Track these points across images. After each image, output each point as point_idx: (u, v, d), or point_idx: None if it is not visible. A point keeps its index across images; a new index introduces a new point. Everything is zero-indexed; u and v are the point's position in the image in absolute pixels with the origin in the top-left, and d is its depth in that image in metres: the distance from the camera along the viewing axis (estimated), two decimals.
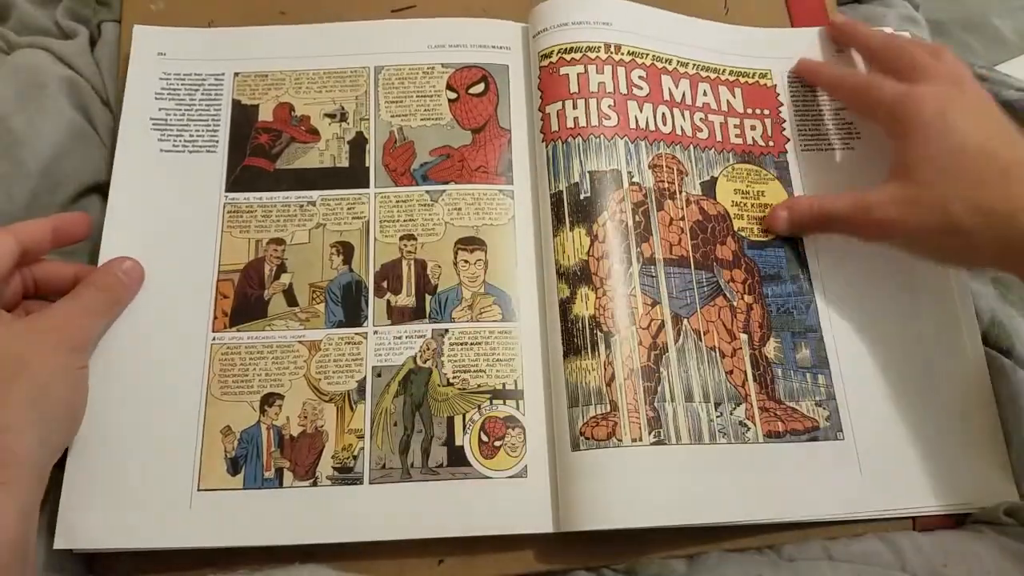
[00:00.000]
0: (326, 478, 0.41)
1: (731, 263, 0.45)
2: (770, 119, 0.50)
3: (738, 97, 0.50)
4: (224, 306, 0.43)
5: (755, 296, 0.45)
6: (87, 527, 0.39)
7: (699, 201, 0.46)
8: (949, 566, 0.39)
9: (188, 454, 0.41)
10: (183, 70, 0.48)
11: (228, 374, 0.42)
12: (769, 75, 0.51)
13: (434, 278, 0.45)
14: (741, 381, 0.43)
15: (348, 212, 0.46)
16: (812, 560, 0.40)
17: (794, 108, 0.50)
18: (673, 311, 0.43)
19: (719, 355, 0.43)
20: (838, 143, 0.49)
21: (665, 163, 0.47)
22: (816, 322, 0.45)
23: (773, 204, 0.47)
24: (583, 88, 0.47)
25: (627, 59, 0.48)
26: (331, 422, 0.42)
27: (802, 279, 0.46)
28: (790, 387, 0.43)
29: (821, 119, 0.50)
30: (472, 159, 0.47)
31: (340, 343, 0.43)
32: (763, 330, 0.44)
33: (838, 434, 0.43)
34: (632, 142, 0.46)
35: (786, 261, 0.46)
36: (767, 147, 0.49)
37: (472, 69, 0.49)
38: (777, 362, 0.44)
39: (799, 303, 0.45)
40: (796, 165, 0.48)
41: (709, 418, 0.42)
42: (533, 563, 0.41)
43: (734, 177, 0.48)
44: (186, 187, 0.46)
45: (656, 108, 0.48)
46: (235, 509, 0.40)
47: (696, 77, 0.49)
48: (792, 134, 0.49)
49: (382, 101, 0.48)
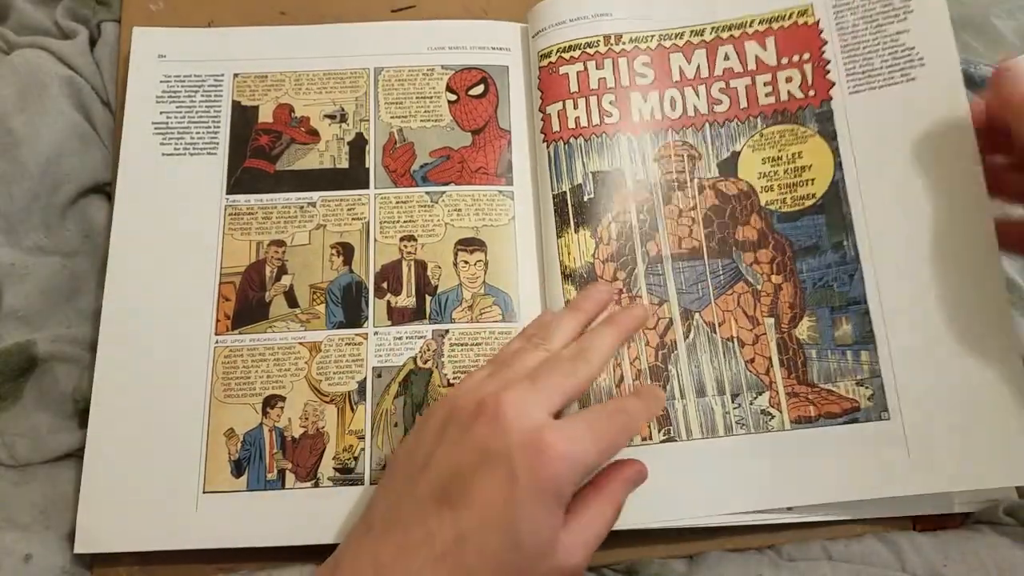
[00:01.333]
0: (327, 479, 0.41)
1: (755, 243, 0.44)
2: (810, 64, 0.46)
3: (770, 49, 0.46)
4: (226, 309, 0.44)
5: (785, 274, 0.43)
6: (101, 530, 0.40)
7: (715, 184, 0.45)
8: (949, 566, 0.40)
9: (193, 457, 0.41)
10: (183, 72, 0.48)
11: (231, 377, 0.42)
12: (810, 10, 0.46)
13: (434, 279, 0.45)
14: (764, 369, 0.42)
15: (348, 213, 0.46)
16: (812, 560, 0.40)
17: (842, 44, 0.45)
18: (683, 307, 0.43)
19: (737, 345, 0.42)
20: (898, 75, 0.44)
21: (673, 152, 0.45)
22: (861, 293, 0.42)
23: (812, 164, 0.44)
24: (583, 87, 0.47)
25: (629, 48, 0.47)
26: (332, 423, 0.42)
27: (846, 246, 0.43)
28: (825, 368, 0.42)
29: (876, 51, 0.45)
30: (472, 160, 0.47)
31: (341, 344, 0.43)
32: (794, 310, 0.43)
33: (882, 414, 0.41)
34: (636, 137, 0.46)
35: (826, 228, 0.43)
36: (806, 98, 0.45)
37: (472, 71, 0.49)
38: (811, 343, 0.42)
39: (841, 274, 0.42)
40: (843, 112, 0.44)
41: (724, 410, 0.41)
42: None
43: (762, 145, 0.45)
44: (188, 190, 0.46)
45: (663, 94, 0.46)
46: (239, 511, 0.40)
47: (716, 42, 0.47)
48: (839, 76, 0.45)
49: (382, 102, 0.48)
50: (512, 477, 0.32)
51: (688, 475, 0.40)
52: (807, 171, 0.44)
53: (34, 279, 0.45)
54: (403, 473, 0.35)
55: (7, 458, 0.42)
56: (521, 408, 0.33)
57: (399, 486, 0.35)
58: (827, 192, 0.44)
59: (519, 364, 0.38)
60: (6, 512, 0.41)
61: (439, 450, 0.34)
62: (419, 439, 0.36)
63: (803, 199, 0.44)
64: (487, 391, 0.35)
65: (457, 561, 0.31)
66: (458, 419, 0.34)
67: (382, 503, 0.35)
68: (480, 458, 0.33)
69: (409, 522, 0.33)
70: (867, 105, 0.44)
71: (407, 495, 0.34)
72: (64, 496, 0.41)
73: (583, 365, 0.37)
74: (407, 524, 0.33)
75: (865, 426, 0.41)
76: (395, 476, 0.36)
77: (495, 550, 0.31)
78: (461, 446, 0.33)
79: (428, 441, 0.35)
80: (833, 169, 0.44)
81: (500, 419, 0.33)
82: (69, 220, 0.47)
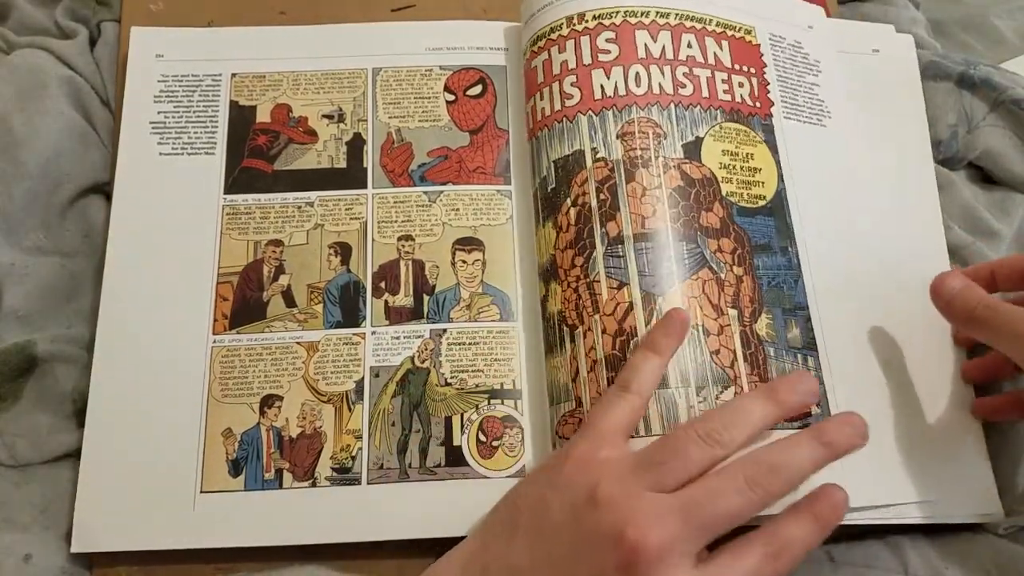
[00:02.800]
0: (325, 479, 0.41)
1: (719, 231, 0.42)
2: (756, 78, 0.47)
3: (725, 51, 0.46)
4: (224, 308, 0.44)
5: (745, 267, 0.42)
6: (99, 530, 0.40)
7: (680, 165, 0.43)
8: (950, 569, 0.40)
9: (191, 457, 0.41)
10: (181, 71, 0.48)
11: (228, 376, 0.42)
12: (753, 33, 0.48)
13: (432, 278, 0.45)
14: (729, 362, 0.39)
15: (346, 213, 0.46)
16: (813, 561, 0.40)
17: (777, 74, 0.47)
18: (644, 290, 0.40)
19: (703, 333, 0.40)
20: (814, 119, 0.47)
21: (638, 128, 0.43)
22: (804, 300, 0.42)
23: (762, 168, 0.44)
24: (547, 75, 0.46)
25: (592, 25, 0.45)
26: (329, 423, 0.42)
27: (791, 252, 0.43)
28: (782, 368, 0.40)
29: (799, 91, 0.48)
30: (470, 160, 0.47)
31: (338, 344, 0.43)
32: (754, 305, 0.41)
33: None
34: (597, 114, 0.44)
35: (775, 231, 0.43)
36: (755, 107, 0.46)
37: (470, 71, 0.49)
38: (769, 340, 0.40)
39: (788, 277, 0.42)
40: (781, 132, 0.46)
41: (688, 404, 0.38)
42: None
43: (722, 137, 0.44)
44: (185, 190, 0.46)
45: (628, 68, 0.45)
46: (237, 510, 0.40)
47: (680, 28, 0.46)
48: (776, 98, 0.47)
49: (380, 103, 0.48)
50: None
51: None
52: (759, 173, 0.44)
53: (34, 279, 0.45)
54: (502, 560, 0.33)
55: (7, 458, 0.42)
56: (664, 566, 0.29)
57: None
58: (774, 197, 0.44)
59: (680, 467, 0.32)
60: (6, 512, 0.41)
61: (538, 544, 0.32)
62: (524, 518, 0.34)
63: (756, 198, 0.44)
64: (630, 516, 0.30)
65: None
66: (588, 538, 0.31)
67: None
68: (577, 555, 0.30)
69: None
70: (796, 133, 0.46)
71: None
72: (64, 496, 0.41)
73: (710, 447, 0.32)
74: None
75: None
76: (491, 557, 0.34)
77: None
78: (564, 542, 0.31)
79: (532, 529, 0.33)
80: (777, 178, 0.45)
81: (604, 506, 0.31)
82: (69, 220, 0.47)
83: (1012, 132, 0.51)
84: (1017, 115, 0.50)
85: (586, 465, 0.34)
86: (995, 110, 0.51)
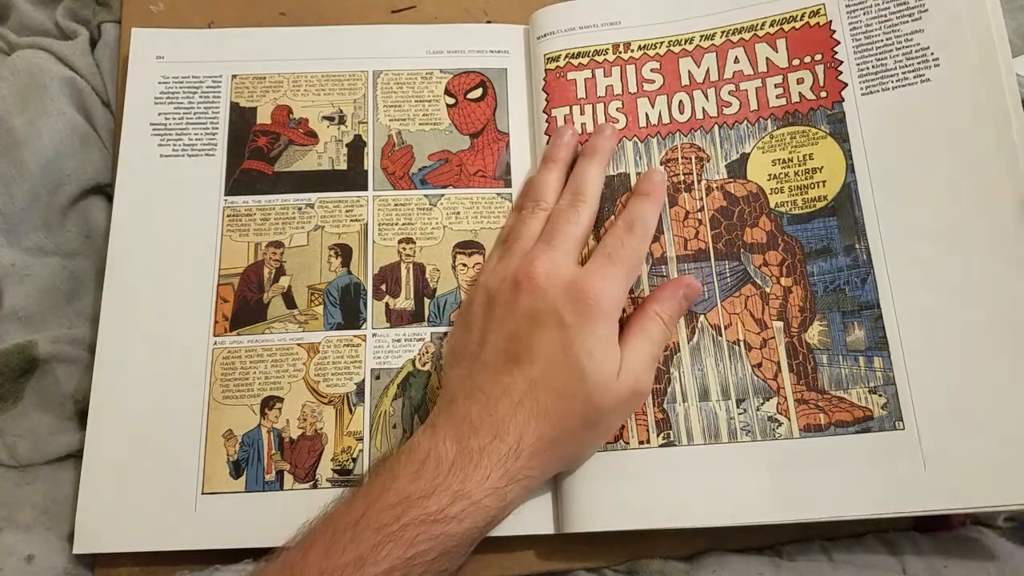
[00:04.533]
0: (326, 480, 0.41)
1: (764, 245, 0.43)
2: (822, 65, 0.45)
3: (781, 50, 0.46)
4: (224, 310, 0.44)
5: (795, 277, 0.42)
6: (101, 531, 0.40)
7: (724, 185, 0.44)
8: (949, 567, 0.40)
9: (192, 458, 0.41)
10: (181, 73, 0.48)
11: (229, 378, 0.43)
12: (822, 10, 0.46)
13: (432, 281, 0.45)
14: (772, 373, 0.41)
15: (346, 215, 0.46)
16: (813, 560, 0.40)
17: (854, 44, 0.45)
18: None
19: (744, 348, 0.42)
20: (912, 76, 0.43)
21: (681, 154, 0.45)
22: (874, 298, 0.41)
23: (824, 166, 0.43)
24: (590, 94, 0.47)
25: (638, 56, 0.47)
26: (330, 424, 0.42)
27: (858, 250, 0.42)
28: (837, 374, 0.40)
29: (890, 51, 0.44)
30: (470, 163, 0.47)
31: (339, 345, 0.44)
32: (804, 314, 0.41)
33: (897, 424, 0.39)
34: (642, 141, 0.46)
35: (838, 231, 0.42)
36: (818, 99, 0.45)
37: (470, 74, 0.49)
38: (821, 348, 0.41)
39: (853, 277, 0.41)
40: (855, 113, 0.44)
41: (729, 416, 0.40)
42: (534, 563, 0.41)
43: (772, 147, 0.44)
44: (186, 192, 0.46)
45: (672, 97, 0.46)
46: (238, 512, 0.41)
47: (726, 45, 0.47)
48: (851, 77, 0.44)
49: (380, 105, 0.48)
50: (563, 326, 0.37)
51: (688, 481, 0.39)
52: (818, 173, 0.44)
53: (34, 280, 0.45)
54: (465, 356, 0.40)
55: (8, 459, 0.42)
56: (550, 268, 0.39)
57: (465, 366, 0.39)
58: (839, 194, 0.43)
59: (527, 233, 0.42)
60: (7, 513, 0.41)
61: (491, 326, 0.39)
62: (467, 328, 0.41)
63: (814, 201, 0.43)
64: (514, 267, 0.40)
65: (533, 402, 0.36)
66: (500, 299, 0.40)
67: (454, 384, 0.39)
68: (531, 322, 0.38)
69: (485, 385, 0.37)
70: (880, 106, 0.44)
71: (477, 368, 0.38)
72: (65, 497, 0.42)
73: (582, 206, 0.42)
74: (484, 387, 0.37)
75: (878, 436, 0.39)
76: (458, 362, 0.40)
77: (564, 386, 0.37)
78: (512, 318, 0.38)
79: (478, 325, 0.40)
80: (845, 171, 0.43)
81: (537, 286, 0.38)
82: (70, 221, 0.47)
83: None
84: None
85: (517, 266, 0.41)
86: None
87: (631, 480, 0.40)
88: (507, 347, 0.38)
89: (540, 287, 0.38)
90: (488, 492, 0.35)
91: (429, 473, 0.34)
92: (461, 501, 0.34)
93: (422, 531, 0.33)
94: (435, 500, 0.34)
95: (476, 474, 0.34)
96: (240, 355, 0.43)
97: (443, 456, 0.35)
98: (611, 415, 0.38)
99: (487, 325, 0.39)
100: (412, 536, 0.33)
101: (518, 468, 0.35)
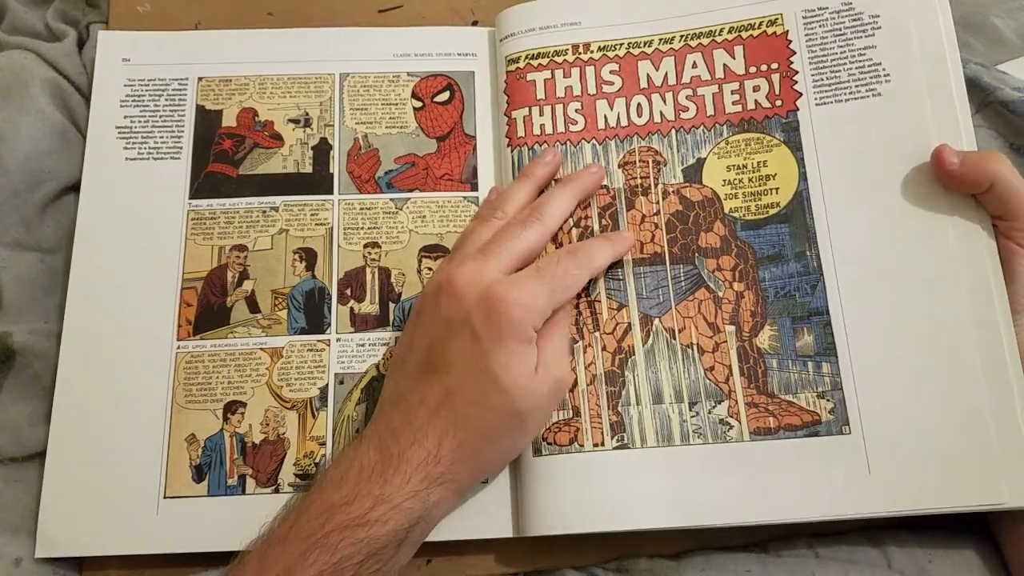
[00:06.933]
0: (288, 485, 0.41)
1: (718, 250, 0.43)
2: (778, 73, 0.46)
3: (738, 57, 0.46)
4: (188, 314, 0.44)
5: (747, 282, 0.43)
6: (64, 535, 0.40)
7: (680, 190, 0.45)
8: (934, 562, 0.40)
9: (154, 462, 0.41)
10: (147, 75, 0.48)
11: (192, 382, 0.43)
12: (780, 20, 0.46)
13: (398, 286, 0.45)
14: (724, 377, 0.41)
15: (311, 218, 0.46)
16: (799, 556, 0.41)
17: (810, 55, 0.45)
18: (642, 312, 0.43)
19: (697, 352, 0.42)
20: (864, 90, 0.44)
21: (639, 158, 0.45)
22: (823, 304, 0.41)
23: (777, 173, 0.44)
24: (550, 94, 0.47)
25: (597, 56, 0.47)
26: (293, 429, 0.42)
27: (809, 256, 0.42)
28: (786, 379, 0.41)
29: (843, 64, 0.45)
30: (437, 167, 0.47)
31: (302, 350, 0.44)
32: (756, 319, 0.42)
33: (843, 428, 0.40)
34: (600, 143, 0.46)
35: (790, 238, 0.43)
36: (773, 107, 0.45)
37: (437, 77, 0.49)
38: (772, 352, 0.41)
39: (803, 284, 0.42)
40: (809, 123, 0.44)
41: (682, 419, 0.41)
42: (520, 562, 0.42)
43: (728, 153, 0.45)
44: (151, 195, 0.46)
45: (630, 100, 0.46)
46: (200, 516, 0.41)
47: (684, 50, 0.47)
48: (805, 87, 0.45)
49: (347, 108, 0.48)
50: (475, 336, 0.37)
51: (641, 483, 0.40)
52: (772, 180, 0.44)
53: (12, 273, 0.45)
54: (397, 361, 0.41)
55: None
56: (471, 276, 0.38)
57: (396, 373, 0.40)
58: (791, 201, 0.43)
59: (472, 240, 0.42)
60: None
61: (417, 332, 0.40)
62: (404, 334, 0.41)
63: (767, 207, 0.44)
64: (444, 273, 0.40)
65: (450, 410, 0.37)
66: (427, 305, 0.40)
67: (386, 392, 0.40)
68: (448, 330, 0.38)
69: (406, 393, 0.38)
70: (833, 117, 0.44)
71: (402, 376, 0.39)
72: None
73: (534, 224, 0.41)
74: (405, 395, 0.38)
75: (825, 440, 0.40)
76: (392, 370, 0.41)
77: (483, 398, 0.37)
78: (433, 325, 0.39)
79: (409, 332, 0.41)
80: (798, 179, 0.44)
81: (455, 292, 0.38)
82: (48, 217, 0.47)
83: (998, 133, 0.50)
84: (1005, 117, 0.50)
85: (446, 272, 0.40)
86: (982, 111, 0.50)
87: (586, 483, 0.40)
88: (427, 355, 0.38)
89: (458, 293, 0.38)
90: (408, 495, 0.35)
91: (352, 481, 0.35)
92: (382, 505, 0.34)
93: (346, 536, 0.34)
94: (357, 506, 0.34)
95: (396, 479, 0.35)
96: (203, 359, 0.43)
97: (365, 464, 0.36)
98: (536, 414, 0.39)
99: (415, 332, 0.40)
100: (336, 541, 0.33)
101: (439, 472, 0.36)
